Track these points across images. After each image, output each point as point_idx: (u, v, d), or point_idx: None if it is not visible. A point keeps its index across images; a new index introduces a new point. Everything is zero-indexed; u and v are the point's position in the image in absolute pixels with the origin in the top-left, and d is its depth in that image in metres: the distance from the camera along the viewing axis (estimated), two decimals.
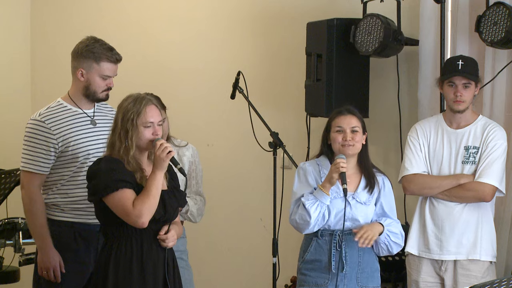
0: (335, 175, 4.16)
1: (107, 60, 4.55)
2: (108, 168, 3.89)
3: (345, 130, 4.26)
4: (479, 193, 4.52)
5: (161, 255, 3.98)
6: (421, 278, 4.67)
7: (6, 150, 6.93)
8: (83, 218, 4.53)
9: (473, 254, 4.57)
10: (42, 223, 4.51)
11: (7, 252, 5.63)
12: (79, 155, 4.51)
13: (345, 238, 4.25)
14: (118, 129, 3.94)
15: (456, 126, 4.65)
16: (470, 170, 4.57)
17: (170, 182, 4.07)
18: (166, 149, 3.88)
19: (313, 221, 4.21)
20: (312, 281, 4.29)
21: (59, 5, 7.22)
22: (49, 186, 4.57)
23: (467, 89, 4.55)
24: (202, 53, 6.47)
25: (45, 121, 4.52)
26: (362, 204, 4.27)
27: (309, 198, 4.23)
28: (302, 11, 5.86)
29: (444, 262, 4.61)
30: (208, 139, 6.38)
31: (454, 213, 4.58)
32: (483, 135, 4.57)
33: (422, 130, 4.70)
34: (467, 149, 4.58)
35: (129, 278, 3.91)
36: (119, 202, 3.86)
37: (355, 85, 5.38)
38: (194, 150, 4.88)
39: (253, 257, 6.21)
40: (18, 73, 7.29)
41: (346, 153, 4.24)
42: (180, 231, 4.15)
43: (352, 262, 4.26)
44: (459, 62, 4.56)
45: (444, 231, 4.59)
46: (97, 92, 4.57)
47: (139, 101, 3.95)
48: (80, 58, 4.55)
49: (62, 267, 4.51)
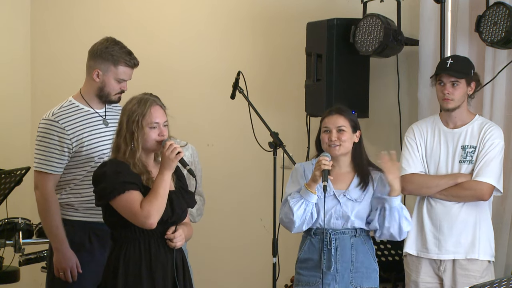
0: (317, 172, 4.16)
1: (125, 64, 4.52)
2: (114, 171, 3.86)
3: (331, 130, 4.26)
4: (477, 192, 4.52)
5: (170, 257, 3.93)
6: (420, 279, 4.66)
7: (6, 150, 6.94)
8: (97, 218, 4.46)
9: (472, 253, 4.57)
10: (57, 224, 4.47)
11: (7, 252, 5.64)
12: (93, 155, 4.48)
13: (338, 236, 4.25)
14: (123, 131, 3.91)
15: (453, 126, 4.66)
16: (468, 169, 4.57)
17: (177, 182, 4.05)
18: (176, 150, 3.85)
19: (297, 219, 4.21)
20: (305, 280, 4.30)
21: (59, 5, 7.22)
22: (62, 186, 4.54)
23: (456, 87, 4.56)
24: (202, 53, 6.47)
25: (58, 121, 4.48)
26: (354, 202, 4.26)
27: (294, 197, 4.24)
28: (302, 11, 5.86)
29: (442, 262, 4.61)
30: (208, 139, 6.38)
31: (452, 213, 4.58)
32: (480, 134, 4.58)
33: (419, 130, 4.71)
34: (464, 149, 4.59)
35: (138, 281, 3.88)
36: (127, 204, 3.83)
37: (355, 85, 5.38)
38: (193, 150, 4.88)
39: (253, 257, 6.21)
40: (18, 73, 7.29)
41: (333, 153, 4.24)
42: (189, 233, 4.10)
43: (345, 262, 4.24)
44: (448, 61, 4.58)
45: (442, 231, 4.59)
46: (111, 95, 4.54)
47: (143, 102, 3.92)
48: (98, 59, 4.51)
49: (78, 267, 4.47)
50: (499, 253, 4.86)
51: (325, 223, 4.24)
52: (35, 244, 5.70)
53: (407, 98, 5.46)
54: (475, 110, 4.89)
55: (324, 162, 4.15)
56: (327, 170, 4.15)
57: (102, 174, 3.89)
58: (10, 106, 7.19)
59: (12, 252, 5.58)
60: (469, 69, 4.60)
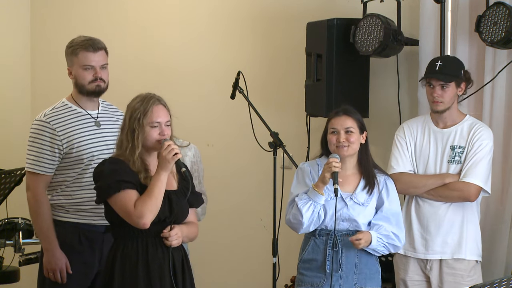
0: (327, 174, 4.16)
1: (83, 49, 4.53)
2: (111, 169, 3.88)
3: (339, 132, 4.26)
4: (464, 193, 4.53)
5: (167, 255, 3.94)
6: (408, 277, 4.70)
7: (6, 150, 6.93)
8: (87, 219, 4.52)
9: (458, 253, 4.59)
10: (48, 225, 4.49)
11: (7, 252, 5.64)
12: (83, 157, 4.50)
13: (343, 238, 4.25)
14: (126, 128, 3.94)
15: (443, 126, 4.67)
16: (456, 169, 4.59)
17: (181, 182, 4.04)
18: (173, 151, 3.86)
19: (306, 220, 4.21)
20: (309, 281, 4.30)
21: (59, 5, 7.22)
22: (53, 187, 4.56)
23: (446, 89, 4.58)
24: (202, 53, 6.47)
25: (50, 122, 4.50)
26: (360, 205, 4.27)
27: (302, 198, 4.23)
28: (302, 11, 5.86)
29: (429, 261, 4.64)
30: (208, 139, 6.37)
31: (439, 213, 4.60)
32: (469, 134, 4.59)
33: (409, 129, 4.73)
34: (453, 149, 4.60)
35: (135, 279, 3.89)
36: (121, 203, 3.85)
37: (355, 85, 5.38)
38: (196, 150, 4.89)
39: (253, 257, 6.21)
40: (18, 73, 7.29)
41: (341, 154, 4.24)
42: (192, 232, 4.09)
43: (349, 263, 4.25)
44: (437, 63, 4.60)
45: (429, 231, 4.62)
46: (85, 85, 4.54)
47: (146, 100, 3.94)
48: (66, 58, 4.60)
49: (68, 268, 4.49)
50: (499, 253, 4.87)
51: (331, 224, 4.24)
52: (35, 244, 5.69)
53: (407, 98, 5.46)
54: (475, 110, 4.90)
55: (334, 164, 4.14)
56: (337, 172, 4.14)
57: (100, 172, 3.93)
58: (10, 106, 7.19)
59: (12, 252, 5.58)
60: (458, 70, 4.62)
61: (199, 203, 4.15)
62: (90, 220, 4.52)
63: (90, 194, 4.41)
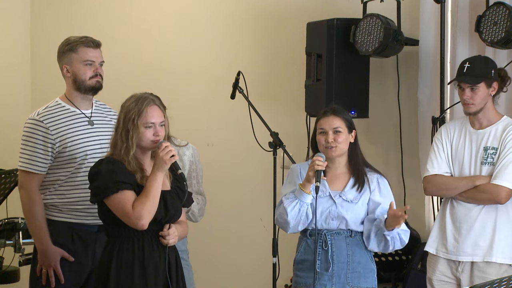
0: (311, 173, 4.14)
1: (83, 45, 4.54)
2: (109, 170, 3.88)
3: (327, 132, 4.24)
4: (493, 195, 4.44)
5: (163, 255, 3.96)
6: (435, 277, 4.64)
7: (6, 150, 6.92)
8: (80, 219, 4.52)
9: (489, 256, 4.50)
10: (41, 224, 4.50)
11: (7, 252, 5.63)
12: (76, 156, 4.50)
13: (333, 237, 4.24)
14: (120, 128, 3.94)
15: (479, 127, 4.58)
16: (488, 171, 4.50)
17: (174, 182, 4.06)
18: (170, 153, 3.87)
19: (292, 219, 4.20)
20: (303, 282, 4.28)
21: (59, 5, 7.22)
22: (46, 187, 4.56)
23: (475, 91, 4.48)
24: (202, 53, 6.47)
25: (43, 121, 4.51)
26: (349, 202, 4.24)
27: (288, 197, 4.23)
28: (302, 11, 5.86)
29: (461, 263, 4.56)
30: (208, 139, 6.38)
31: (471, 215, 4.52)
32: (502, 135, 4.51)
33: (446, 131, 4.65)
34: (486, 150, 4.51)
35: (130, 278, 3.90)
36: (119, 204, 3.86)
37: (355, 85, 5.38)
38: (194, 149, 4.88)
39: (253, 257, 6.20)
40: (18, 73, 7.29)
41: (330, 155, 4.23)
42: (184, 231, 4.12)
43: (340, 262, 4.22)
44: (465, 65, 4.50)
45: (461, 232, 4.54)
46: (85, 80, 4.55)
47: (141, 101, 3.94)
48: (61, 57, 4.59)
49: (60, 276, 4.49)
50: None
51: (321, 223, 4.22)
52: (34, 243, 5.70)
53: (407, 98, 5.45)
54: None
55: (317, 163, 4.13)
56: (320, 170, 4.13)
57: (97, 172, 3.92)
58: (10, 106, 7.19)
59: (12, 252, 5.58)
60: (487, 70, 4.51)
61: (189, 203, 4.18)
62: (83, 219, 4.52)
63: (83, 193, 4.42)
